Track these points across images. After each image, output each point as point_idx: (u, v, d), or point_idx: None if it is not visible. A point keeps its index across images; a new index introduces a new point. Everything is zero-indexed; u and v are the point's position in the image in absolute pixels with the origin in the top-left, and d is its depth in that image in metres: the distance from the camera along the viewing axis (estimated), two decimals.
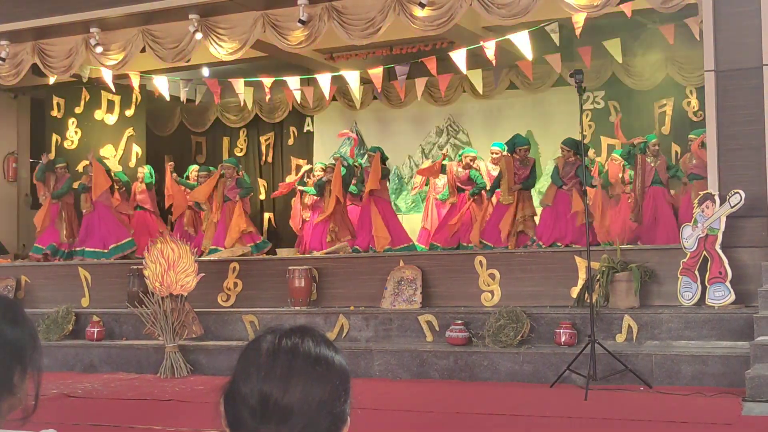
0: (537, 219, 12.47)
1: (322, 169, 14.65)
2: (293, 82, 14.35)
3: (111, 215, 14.47)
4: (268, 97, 15.14)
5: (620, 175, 13.24)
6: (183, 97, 14.97)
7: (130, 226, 15.00)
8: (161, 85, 14.55)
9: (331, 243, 13.39)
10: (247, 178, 14.54)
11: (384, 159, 13.37)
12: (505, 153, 12.87)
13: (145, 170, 15.58)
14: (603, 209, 12.92)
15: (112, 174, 15.08)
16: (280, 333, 1.76)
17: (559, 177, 12.13)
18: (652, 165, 12.44)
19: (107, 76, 13.80)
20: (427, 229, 14.31)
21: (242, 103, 15.45)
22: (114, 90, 14.97)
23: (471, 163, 13.72)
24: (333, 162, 14.40)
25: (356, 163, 14.28)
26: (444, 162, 13.95)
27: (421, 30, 11.67)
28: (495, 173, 13.39)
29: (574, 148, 12.02)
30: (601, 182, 13.10)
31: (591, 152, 14.08)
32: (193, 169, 15.88)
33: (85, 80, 14.91)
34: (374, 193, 13.04)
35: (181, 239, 11.82)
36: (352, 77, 13.75)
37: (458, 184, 13.68)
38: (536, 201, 13.03)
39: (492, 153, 13.81)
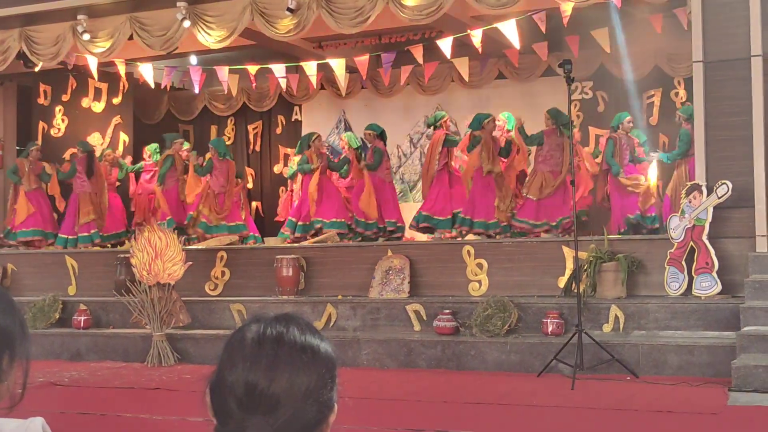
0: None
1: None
2: (279, 69, 14.30)
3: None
4: (253, 84, 15.09)
5: None
6: (164, 83, 14.93)
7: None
8: (147, 72, 14.49)
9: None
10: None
11: (382, 137, 13.44)
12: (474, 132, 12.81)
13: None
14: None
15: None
16: (265, 322, 1.75)
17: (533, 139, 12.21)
18: (626, 143, 12.45)
19: (92, 64, 13.74)
20: None
21: (227, 91, 15.40)
22: (97, 78, 14.88)
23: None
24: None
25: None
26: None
27: (410, 19, 11.65)
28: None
29: (555, 117, 11.95)
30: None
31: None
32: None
33: (70, 67, 14.83)
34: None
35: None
36: (338, 65, 13.73)
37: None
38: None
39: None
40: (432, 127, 13.70)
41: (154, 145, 15.71)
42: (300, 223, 13.42)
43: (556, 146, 11.83)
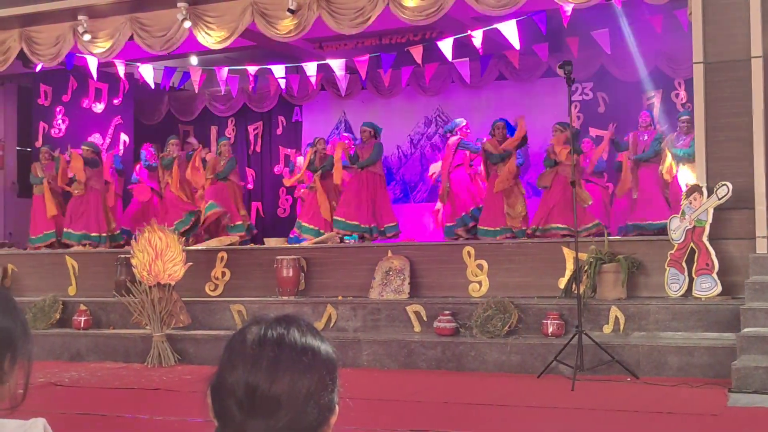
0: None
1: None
2: (279, 70, 14.30)
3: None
4: (251, 86, 15.09)
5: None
6: (158, 80, 14.96)
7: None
8: (147, 73, 14.48)
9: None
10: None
11: (377, 134, 13.50)
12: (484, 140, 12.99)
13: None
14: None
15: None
16: (265, 323, 1.75)
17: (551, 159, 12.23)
18: (641, 141, 12.45)
19: (92, 65, 13.74)
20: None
21: (223, 91, 15.40)
22: (97, 78, 14.88)
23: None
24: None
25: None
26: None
27: (411, 20, 11.65)
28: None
29: (567, 128, 12.06)
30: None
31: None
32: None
33: (69, 68, 14.83)
34: None
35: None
36: (338, 66, 13.74)
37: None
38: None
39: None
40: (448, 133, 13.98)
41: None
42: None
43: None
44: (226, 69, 14.43)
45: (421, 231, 15.36)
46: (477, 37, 12.32)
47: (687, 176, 11.55)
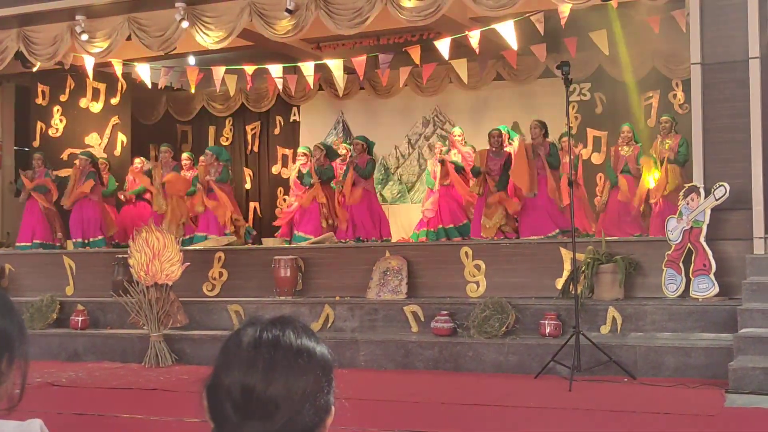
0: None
1: (304, 154, 14.59)
2: (276, 70, 14.30)
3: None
4: (249, 86, 15.08)
5: None
6: (161, 83, 14.92)
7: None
8: (144, 72, 14.47)
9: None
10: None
11: (370, 148, 13.48)
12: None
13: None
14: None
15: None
16: (261, 325, 1.75)
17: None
18: (623, 154, 12.40)
19: (89, 64, 13.72)
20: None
21: (218, 89, 15.40)
22: (93, 78, 14.86)
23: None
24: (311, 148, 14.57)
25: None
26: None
27: (409, 20, 11.65)
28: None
29: (546, 128, 12.21)
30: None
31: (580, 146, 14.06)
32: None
33: (67, 67, 14.80)
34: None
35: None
36: (336, 65, 13.74)
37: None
38: None
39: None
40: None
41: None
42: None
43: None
44: (223, 69, 14.43)
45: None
46: (474, 38, 12.32)
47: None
